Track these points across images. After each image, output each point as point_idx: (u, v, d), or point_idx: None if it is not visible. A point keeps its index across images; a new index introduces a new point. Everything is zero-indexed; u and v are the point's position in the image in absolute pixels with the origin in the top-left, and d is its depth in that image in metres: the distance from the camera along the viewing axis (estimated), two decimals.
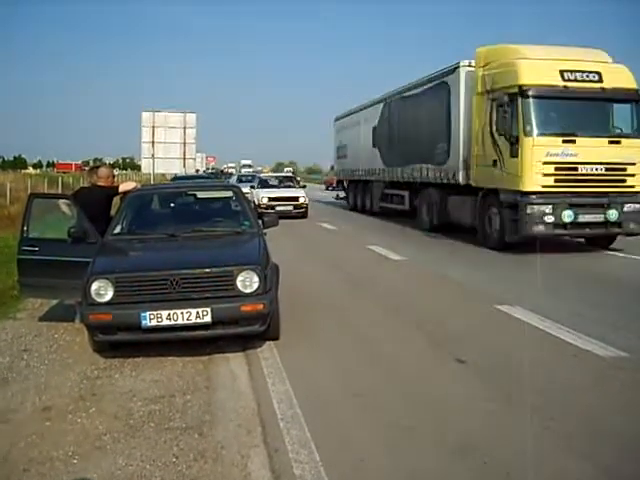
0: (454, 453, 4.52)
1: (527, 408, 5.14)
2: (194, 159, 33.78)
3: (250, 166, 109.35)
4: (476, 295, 9.88)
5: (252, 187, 27.21)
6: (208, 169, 79.56)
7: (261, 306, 6.51)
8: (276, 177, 31.97)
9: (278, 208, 23.53)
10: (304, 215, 24.82)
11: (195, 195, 9.57)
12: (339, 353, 6.96)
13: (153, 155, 29.85)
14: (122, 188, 8.90)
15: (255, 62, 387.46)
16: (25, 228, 7.81)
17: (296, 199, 25.33)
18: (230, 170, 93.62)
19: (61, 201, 8.42)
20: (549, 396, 5.50)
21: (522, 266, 12.81)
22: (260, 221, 8.30)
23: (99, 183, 8.92)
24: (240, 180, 37.63)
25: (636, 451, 4.54)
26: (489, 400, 5.51)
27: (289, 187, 27.40)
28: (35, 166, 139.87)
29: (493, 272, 12.12)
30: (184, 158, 30.41)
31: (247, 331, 6.69)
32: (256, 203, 23.05)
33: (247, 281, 6.52)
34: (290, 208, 24.61)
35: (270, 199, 25.01)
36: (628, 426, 4.95)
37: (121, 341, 6.70)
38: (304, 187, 27.94)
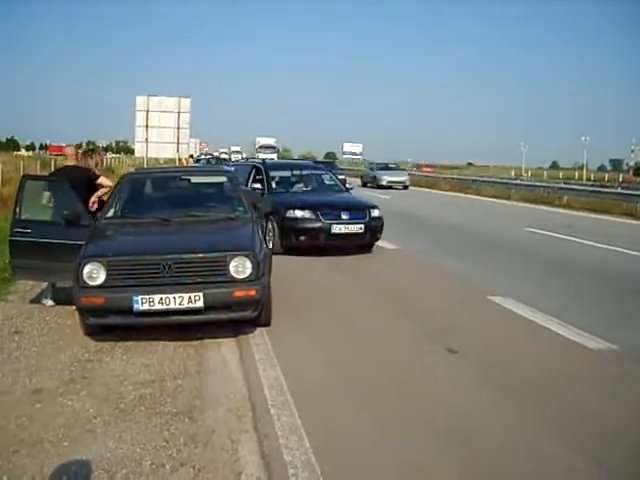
0: (443, 440, 4.55)
1: (516, 397, 5.17)
2: (188, 144, 33.59)
3: (240, 152, 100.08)
4: None
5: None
6: (202, 154, 77.73)
7: (253, 292, 6.51)
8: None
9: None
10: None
11: (189, 180, 9.55)
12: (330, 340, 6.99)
13: (147, 139, 29.71)
14: (101, 181, 8.80)
15: (254, 49, 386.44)
16: (17, 210, 7.78)
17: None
18: (223, 155, 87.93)
19: (45, 193, 8.34)
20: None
21: None
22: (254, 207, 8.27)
23: (67, 162, 9.00)
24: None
25: (621, 438, 4.58)
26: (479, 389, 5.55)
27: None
28: (28, 148, 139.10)
29: None
30: (177, 143, 30.25)
31: (239, 317, 6.69)
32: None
33: (240, 267, 6.52)
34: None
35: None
36: (614, 415, 4.99)
37: (113, 324, 6.69)
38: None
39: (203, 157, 67.64)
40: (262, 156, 63.47)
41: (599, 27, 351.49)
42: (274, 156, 71.99)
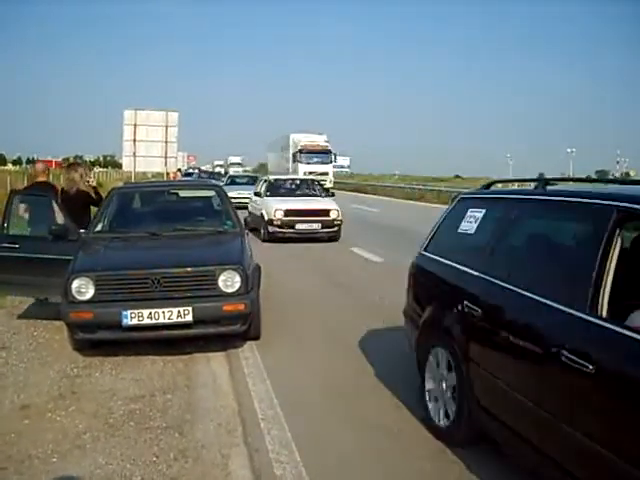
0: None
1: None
2: (175, 158, 33.54)
3: (240, 164, 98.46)
4: None
5: (256, 194, 19.05)
6: (189, 168, 76.60)
7: (242, 306, 6.51)
8: (292, 180, 21.70)
9: (300, 226, 16.80)
10: (336, 237, 17.14)
11: (177, 194, 9.55)
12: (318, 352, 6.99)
13: (134, 153, 29.66)
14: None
15: (239, 61, 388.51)
16: (5, 225, 7.75)
17: (326, 213, 17.11)
18: (218, 169, 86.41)
19: (21, 205, 8.30)
20: None
21: None
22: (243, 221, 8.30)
23: (38, 179, 9.15)
24: (232, 181, 33.70)
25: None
26: None
27: (313, 196, 18.96)
28: (15, 162, 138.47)
29: None
30: (165, 157, 30.19)
31: (228, 331, 6.69)
32: (265, 218, 17.06)
33: (229, 281, 6.52)
34: (316, 227, 16.95)
35: (287, 213, 16.85)
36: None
37: (101, 339, 6.67)
38: (333, 195, 19.57)
39: (193, 171, 66.83)
40: (232, 170, 76.14)
41: (584, 39, 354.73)
42: (240, 169, 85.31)
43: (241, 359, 6.70)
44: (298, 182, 20.85)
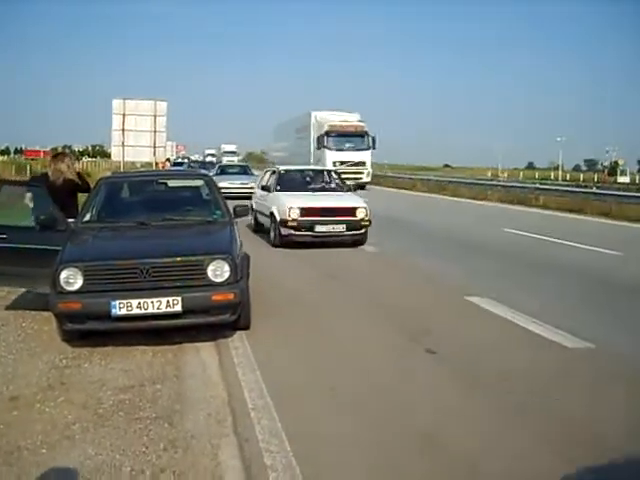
0: (422, 442, 4.57)
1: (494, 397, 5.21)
2: (164, 147, 33.43)
3: (235, 153, 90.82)
4: None
5: (264, 188, 15.86)
6: (177, 158, 75.40)
7: (232, 295, 6.50)
8: (305, 171, 17.85)
9: (320, 228, 13.66)
10: (361, 241, 14.11)
11: (166, 184, 9.52)
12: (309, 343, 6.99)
13: (123, 143, 29.56)
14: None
15: (224, 49, 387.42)
16: None
17: (351, 212, 13.95)
18: (209, 158, 79.28)
19: (27, 194, 8.28)
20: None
21: None
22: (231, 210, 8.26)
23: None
24: (223, 171, 32.00)
25: (594, 438, 4.61)
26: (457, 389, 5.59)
27: (331, 190, 15.90)
28: (3, 152, 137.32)
29: None
30: (154, 146, 30.11)
31: (218, 320, 6.67)
32: (276, 218, 14.03)
33: (218, 270, 6.50)
34: (341, 229, 13.79)
35: (305, 212, 13.70)
36: (593, 415, 5.04)
37: (90, 330, 6.65)
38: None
39: (182, 160, 66.11)
40: (225, 159, 68.05)
41: (574, 30, 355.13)
42: (235, 159, 77.22)
43: (231, 349, 6.69)
44: (312, 174, 17.36)
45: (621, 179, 71.63)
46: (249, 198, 17.32)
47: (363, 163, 36.44)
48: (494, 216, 22.71)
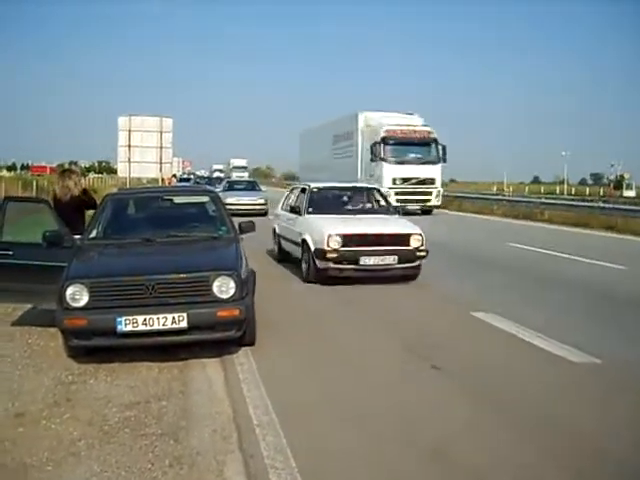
0: (428, 458, 4.56)
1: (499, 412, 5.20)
2: (170, 163, 33.57)
3: (245, 168, 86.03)
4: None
5: (293, 210, 13.28)
6: (184, 174, 74.95)
7: (237, 312, 6.51)
8: (341, 188, 14.74)
9: (366, 261, 10.98)
10: (414, 276, 11.46)
11: (171, 200, 9.55)
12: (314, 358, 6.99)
13: (129, 159, 29.68)
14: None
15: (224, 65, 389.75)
16: None
17: (404, 240, 11.32)
18: (217, 174, 75.62)
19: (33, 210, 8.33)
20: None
21: None
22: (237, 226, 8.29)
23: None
24: (230, 187, 31.40)
25: (604, 454, 4.60)
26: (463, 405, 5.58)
27: (375, 213, 13.17)
28: (9, 169, 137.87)
29: None
30: (160, 162, 30.22)
31: (223, 337, 6.68)
32: (310, 247, 11.37)
33: (223, 287, 6.52)
34: (391, 261, 11.08)
35: (347, 240, 11.06)
36: (600, 429, 5.03)
37: (96, 346, 6.66)
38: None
39: (189, 175, 65.48)
40: (235, 175, 66.56)
41: (577, 42, 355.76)
42: (245, 174, 74.61)
43: (236, 365, 6.69)
44: (349, 192, 14.29)
45: (627, 193, 71.48)
46: (260, 215, 15.92)
47: (432, 181, 28.66)
48: (499, 230, 22.69)
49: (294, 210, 13.19)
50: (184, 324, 6.34)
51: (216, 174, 76.73)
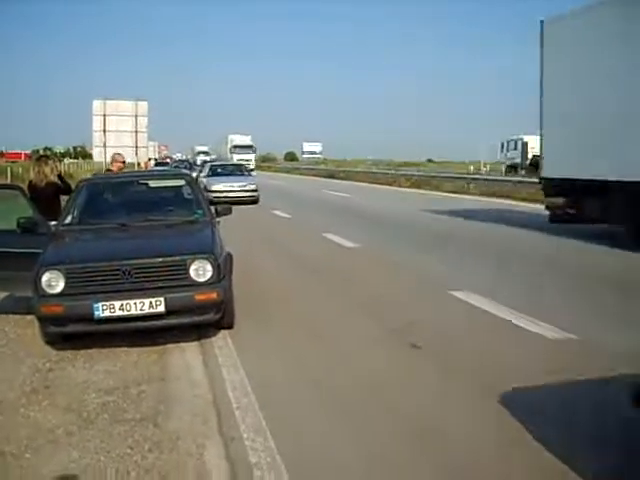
0: (408, 438, 4.59)
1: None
2: (146, 147, 33.26)
3: (250, 147, 71.05)
4: None
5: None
6: (158, 158, 70.88)
7: (215, 295, 6.50)
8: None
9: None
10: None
11: (147, 184, 9.49)
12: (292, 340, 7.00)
13: (105, 144, 29.38)
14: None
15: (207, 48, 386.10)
16: None
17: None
18: (202, 157, 68.43)
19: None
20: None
21: None
22: (213, 209, 8.24)
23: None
24: (215, 172, 28.94)
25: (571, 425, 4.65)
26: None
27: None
28: None
29: None
30: (136, 147, 29.95)
31: (201, 320, 6.67)
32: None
33: (200, 270, 6.50)
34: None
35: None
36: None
37: (73, 332, 6.63)
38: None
39: (165, 160, 63.31)
40: (236, 158, 54.02)
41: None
42: (251, 157, 63.34)
43: (215, 348, 6.69)
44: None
45: None
46: (250, 203, 14.52)
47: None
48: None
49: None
50: (162, 308, 6.32)
51: (201, 157, 66.61)
